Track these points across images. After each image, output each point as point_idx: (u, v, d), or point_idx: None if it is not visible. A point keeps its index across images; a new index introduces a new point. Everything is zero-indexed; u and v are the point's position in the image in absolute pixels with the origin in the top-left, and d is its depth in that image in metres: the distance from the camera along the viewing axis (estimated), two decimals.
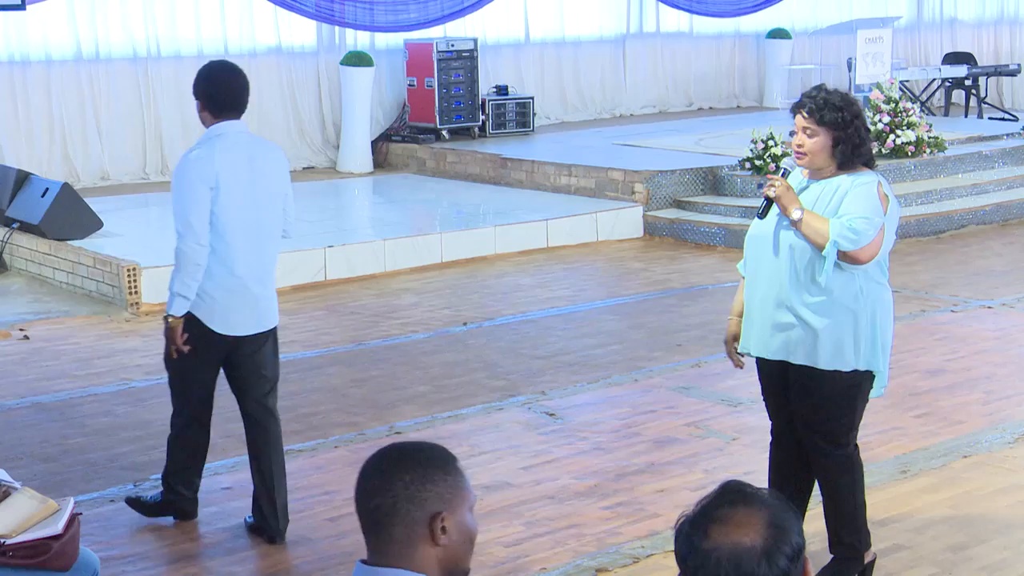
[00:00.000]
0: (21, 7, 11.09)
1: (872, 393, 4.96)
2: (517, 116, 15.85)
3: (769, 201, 4.87)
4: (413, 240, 11.05)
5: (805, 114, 4.81)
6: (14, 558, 3.91)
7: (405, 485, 2.44)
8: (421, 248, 10.94)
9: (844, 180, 4.80)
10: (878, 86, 13.54)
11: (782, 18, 19.12)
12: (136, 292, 9.39)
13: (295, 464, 6.37)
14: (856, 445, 5.05)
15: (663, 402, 7.31)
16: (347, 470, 6.29)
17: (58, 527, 4.04)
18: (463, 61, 15.36)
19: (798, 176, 4.99)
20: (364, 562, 2.50)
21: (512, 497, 5.94)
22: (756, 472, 5.79)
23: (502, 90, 15.97)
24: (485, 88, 15.74)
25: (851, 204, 4.74)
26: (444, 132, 15.28)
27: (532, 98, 16.14)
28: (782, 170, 5.03)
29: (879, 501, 5.84)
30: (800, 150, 4.83)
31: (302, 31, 15.06)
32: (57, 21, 13.37)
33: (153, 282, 9.40)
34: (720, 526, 2.23)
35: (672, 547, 2.33)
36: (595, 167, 12.93)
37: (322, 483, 6.13)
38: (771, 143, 12.17)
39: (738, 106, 18.90)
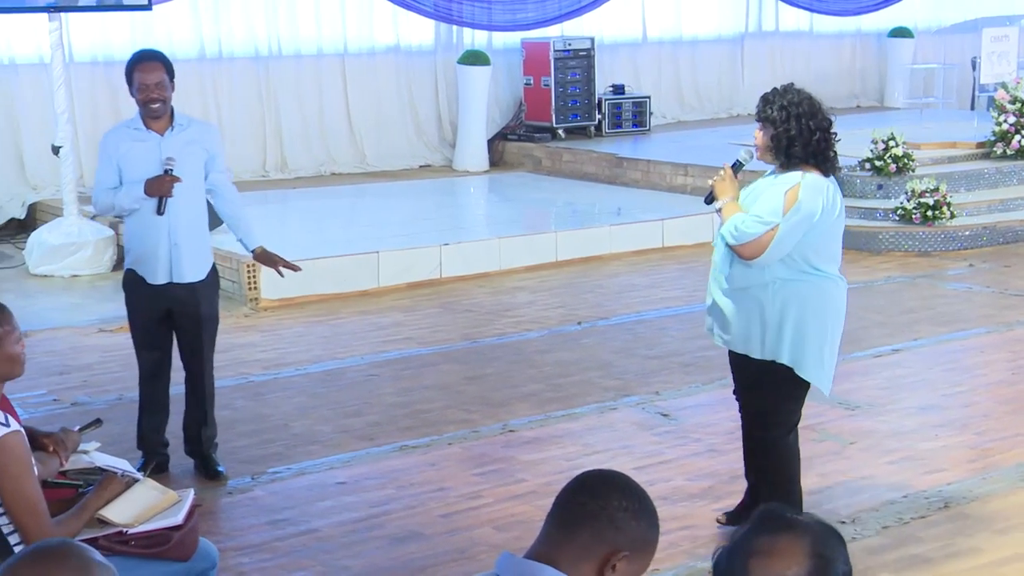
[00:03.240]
0: (148, 7, 11.31)
1: (819, 386, 5.17)
2: (633, 115, 15.80)
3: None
4: (528, 239, 11.07)
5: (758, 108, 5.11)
6: (136, 547, 3.99)
7: (620, 507, 2.47)
8: (536, 247, 10.95)
9: (772, 178, 5.05)
10: (1003, 86, 13.26)
11: (904, 16, 18.80)
12: (255, 288, 9.54)
13: (409, 460, 6.43)
14: (788, 435, 5.26)
15: None
16: (460, 467, 6.32)
17: (179, 518, 4.11)
18: (580, 60, 15.35)
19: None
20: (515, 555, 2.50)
21: None
22: (874, 477, 5.72)
23: (618, 89, 15.93)
24: (601, 87, 15.70)
25: (759, 203, 4.98)
26: (560, 131, 15.29)
27: (648, 97, 16.09)
28: (735, 161, 5.27)
29: (1000, 509, 5.73)
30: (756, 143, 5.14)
31: (420, 30, 15.17)
32: (181, 21, 13.62)
33: (272, 278, 9.54)
34: (761, 558, 2.11)
35: None
36: (711, 167, 12.79)
37: (436, 479, 6.16)
38: (892, 143, 11.97)
39: (858, 106, 18.63)
